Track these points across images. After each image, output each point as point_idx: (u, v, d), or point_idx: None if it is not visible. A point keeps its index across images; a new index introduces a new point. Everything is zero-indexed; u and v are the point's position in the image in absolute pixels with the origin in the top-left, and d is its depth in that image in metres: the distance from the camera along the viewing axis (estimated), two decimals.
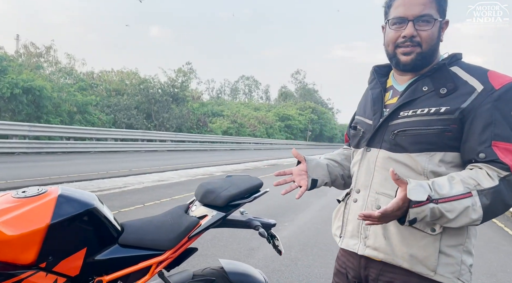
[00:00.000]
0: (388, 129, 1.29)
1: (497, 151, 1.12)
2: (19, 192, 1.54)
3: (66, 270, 1.52)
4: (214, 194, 1.79)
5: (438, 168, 1.20)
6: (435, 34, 1.25)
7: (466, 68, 1.24)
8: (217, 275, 1.89)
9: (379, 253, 1.26)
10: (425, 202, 1.06)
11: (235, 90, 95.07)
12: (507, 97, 1.15)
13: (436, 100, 1.22)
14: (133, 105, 27.14)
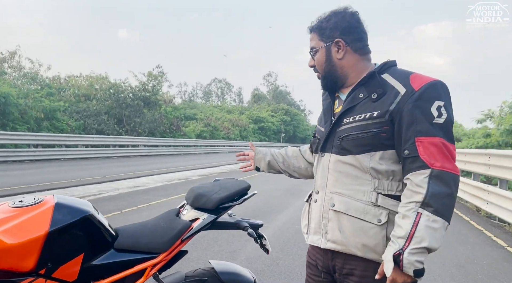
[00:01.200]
0: (336, 135, 1.45)
1: (419, 146, 1.25)
2: (16, 201, 1.57)
3: (64, 276, 1.56)
4: (205, 198, 1.87)
5: (379, 166, 1.35)
6: (323, 59, 1.49)
7: (393, 74, 1.39)
8: (209, 275, 1.97)
9: (337, 245, 1.41)
10: (400, 260, 1.20)
11: (208, 93, 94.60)
12: (425, 96, 1.28)
13: (370, 106, 1.37)
14: (103, 110, 26.56)
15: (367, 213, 1.35)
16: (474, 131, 21.26)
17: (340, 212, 1.40)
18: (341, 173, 1.42)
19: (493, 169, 7.05)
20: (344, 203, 1.39)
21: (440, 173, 1.23)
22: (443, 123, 1.27)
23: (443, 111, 1.27)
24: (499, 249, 4.98)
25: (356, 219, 1.36)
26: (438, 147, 1.25)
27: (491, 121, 16.06)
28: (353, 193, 1.38)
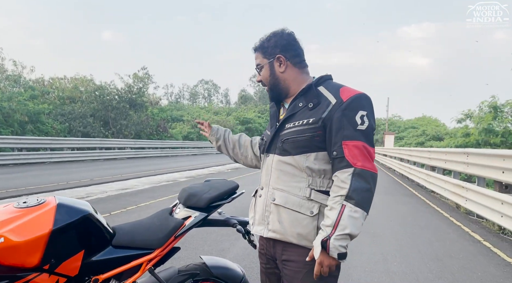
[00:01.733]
0: (279, 139, 1.65)
1: (345, 148, 1.46)
2: (20, 202, 1.69)
3: (66, 271, 1.68)
4: (196, 197, 2.01)
5: (313, 165, 1.56)
6: (267, 74, 1.68)
7: (327, 87, 1.60)
8: (200, 269, 2.11)
9: (276, 234, 1.61)
10: (327, 245, 1.41)
11: (194, 94, 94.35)
12: (351, 107, 1.50)
13: (307, 113, 1.58)
14: (89, 113, 26.38)
15: (302, 206, 1.55)
16: (456, 131, 21.76)
17: (280, 205, 1.60)
18: (281, 171, 1.62)
19: (471, 167, 7.35)
20: (283, 198, 1.59)
21: (361, 171, 1.44)
22: (365, 129, 1.49)
23: (365, 120, 1.49)
24: (475, 243, 5.23)
25: (292, 211, 1.56)
26: (360, 149, 1.46)
27: (470, 121, 16.54)
28: (291, 188, 1.59)
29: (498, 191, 6.13)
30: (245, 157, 2.05)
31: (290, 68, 1.66)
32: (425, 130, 40.33)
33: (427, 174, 11.05)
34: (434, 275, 3.85)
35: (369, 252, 4.50)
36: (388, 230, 5.87)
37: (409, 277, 3.78)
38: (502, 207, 5.64)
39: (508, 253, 4.71)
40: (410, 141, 39.61)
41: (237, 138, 2.08)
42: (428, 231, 5.94)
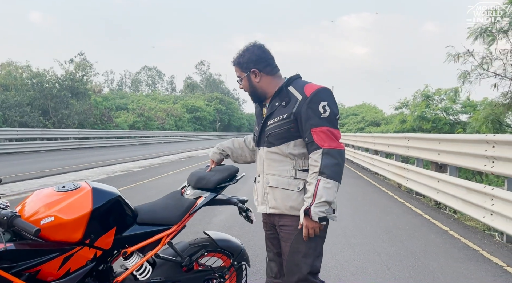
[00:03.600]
0: (265, 133, 2.02)
1: (314, 134, 1.83)
2: (60, 186, 1.89)
3: (102, 245, 1.92)
4: (205, 180, 2.31)
5: (294, 151, 1.94)
6: (247, 84, 2.04)
7: (295, 85, 1.97)
8: (208, 242, 2.43)
9: (275, 210, 1.99)
10: (309, 212, 1.78)
11: (137, 81, 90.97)
12: (314, 100, 1.86)
13: (282, 111, 1.95)
14: (26, 101, 24.66)
15: (290, 184, 1.94)
16: (392, 117, 23.44)
17: (274, 187, 1.97)
18: (270, 160, 1.99)
19: (411, 150, 8.24)
20: (275, 180, 1.97)
21: (328, 150, 1.81)
22: (328, 116, 1.85)
23: (327, 108, 1.86)
24: (418, 217, 6.02)
25: (284, 190, 1.94)
26: (325, 133, 1.83)
27: (406, 108, 18.03)
28: (280, 172, 1.96)
29: (434, 170, 7.01)
30: (244, 156, 2.34)
31: (264, 77, 2.01)
32: (364, 116, 42.71)
33: (371, 158, 12.02)
34: (387, 244, 4.46)
35: (330, 228, 5.02)
36: (343, 209, 6.50)
37: (367, 247, 4.36)
38: (438, 185, 6.49)
39: (444, 223, 5.51)
40: (351, 127, 41.73)
41: (231, 144, 2.35)
42: (377, 208, 6.66)
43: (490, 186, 5.19)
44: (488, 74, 10.07)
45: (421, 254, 4.10)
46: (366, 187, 9.47)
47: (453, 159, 6.11)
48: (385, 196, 8.03)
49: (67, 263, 1.80)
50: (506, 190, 4.58)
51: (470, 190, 5.34)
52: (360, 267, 3.68)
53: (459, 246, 4.44)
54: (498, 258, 3.95)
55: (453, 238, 4.75)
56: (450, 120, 14.45)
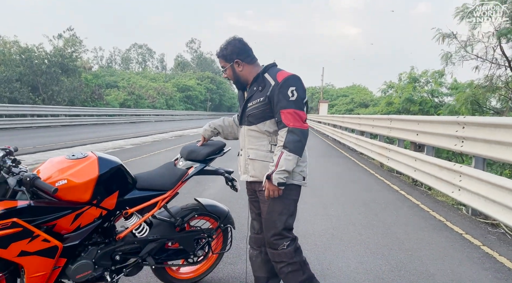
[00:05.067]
0: (245, 114, 2.35)
1: (282, 115, 2.14)
2: (70, 155, 2.20)
3: (107, 205, 2.25)
4: (195, 152, 2.63)
5: (269, 128, 2.27)
6: (231, 73, 2.34)
7: (270, 73, 2.27)
8: (198, 206, 2.77)
9: (254, 178, 2.34)
10: (270, 175, 2.13)
11: (127, 59, 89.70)
12: (284, 85, 2.17)
13: (258, 94, 2.27)
14: (14, 77, 24.44)
15: (266, 156, 2.27)
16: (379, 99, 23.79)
17: (253, 159, 2.31)
18: (250, 136, 2.33)
19: (393, 131, 8.64)
20: (254, 153, 2.31)
21: (292, 129, 2.13)
22: (295, 100, 2.16)
23: (295, 93, 2.16)
24: (394, 192, 6.45)
25: (261, 161, 2.28)
26: (291, 114, 2.15)
27: (392, 90, 18.40)
28: (258, 146, 2.30)
29: (413, 150, 7.43)
30: (234, 133, 2.63)
31: (246, 66, 2.32)
32: (354, 98, 43.08)
33: (357, 138, 12.45)
34: (362, 216, 4.88)
35: (311, 202, 5.44)
36: (325, 185, 6.92)
37: (344, 218, 4.77)
38: (416, 163, 6.92)
39: (417, 198, 5.95)
40: (340, 108, 42.09)
41: (221, 122, 2.64)
42: (357, 185, 7.09)
43: (459, 164, 5.61)
44: (471, 57, 10.42)
45: (391, 224, 4.52)
46: (351, 166, 9.90)
47: (429, 139, 6.51)
48: (367, 174, 8.47)
49: (78, 220, 2.13)
50: (473, 167, 5.00)
51: (442, 167, 5.76)
52: (335, 235, 4.08)
53: (427, 217, 4.87)
54: (459, 227, 4.39)
55: (422, 211, 5.19)
56: (435, 102, 14.87)
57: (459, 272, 3.17)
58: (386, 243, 3.85)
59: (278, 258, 2.29)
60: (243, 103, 2.38)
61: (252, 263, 2.54)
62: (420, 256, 3.49)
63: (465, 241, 3.94)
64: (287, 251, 2.28)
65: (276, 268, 2.34)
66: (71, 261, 2.17)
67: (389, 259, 3.43)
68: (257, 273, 2.51)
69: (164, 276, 2.72)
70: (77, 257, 2.19)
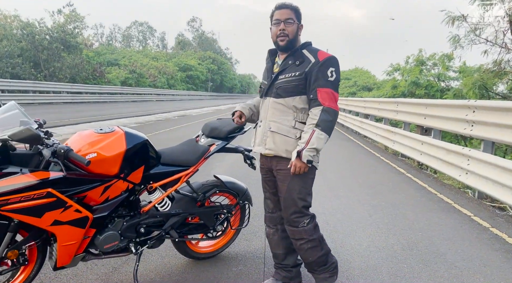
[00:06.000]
0: (274, 86, 2.31)
1: (318, 93, 2.16)
2: (98, 129, 2.23)
3: (133, 179, 2.29)
4: (218, 130, 2.66)
5: (298, 104, 2.24)
6: (295, 29, 2.25)
7: (309, 50, 2.26)
8: (218, 183, 2.82)
9: (271, 151, 2.29)
10: (301, 154, 2.12)
11: (128, 37, 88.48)
12: (325, 64, 2.17)
13: (294, 68, 2.24)
14: (16, 52, 24.20)
15: (289, 132, 2.24)
16: (383, 82, 23.60)
17: (274, 132, 2.27)
18: (275, 109, 2.29)
19: (400, 114, 8.64)
20: (277, 126, 2.27)
21: (327, 108, 2.15)
22: (333, 81, 2.19)
23: (334, 74, 2.19)
24: (400, 175, 6.52)
25: (283, 136, 2.25)
26: (328, 94, 2.17)
27: (398, 73, 18.25)
28: (282, 120, 2.26)
29: (419, 133, 7.46)
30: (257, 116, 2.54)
31: (300, 35, 2.32)
32: (357, 81, 42.77)
33: (361, 121, 12.45)
34: (370, 197, 4.95)
35: (318, 183, 5.49)
36: (332, 167, 6.97)
37: (352, 198, 4.84)
38: (422, 147, 6.96)
39: (423, 181, 6.02)
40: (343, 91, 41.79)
41: (252, 105, 2.52)
42: (363, 167, 7.15)
43: (468, 147, 5.65)
44: (480, 41, 10.30)
45: (400, 205, 4.59)
46: (355, 148, 9.95)
47: (437, 123, 6.53)
48: (372, 156, 8.52)
49: (106, 192, 2.18)
50: (482, 151, 5.04)
51: (449, 151, 5.80)
52: (345, 215, 4.15)
53: (435, 199, 4.94)
54: (467, 210, 4.46)
55: (430, 193, 5.26)
56: (441, 86, 14.80)
57: (469, 252, 3.25)
58: (396, 223, 3.92)
59: (298, 235, 2.34)
60: (272, 75, 2.33)
61: (269, 240, 2.58)
62: (430, 236, 3.57)
63: (474, 223, 4.01)
64: (307, 229, 2.33)
65: (295, 245, 2.39)
66: (100, 232, 2.22)
67: (400, 238, 3.50)
68: (275, 250, 2.56)
69: (184, 249, 2.80)
70: (105, 228, 2.25)
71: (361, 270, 2.85)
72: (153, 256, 2.94)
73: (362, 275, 2.77)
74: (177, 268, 2.77)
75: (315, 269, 2.41)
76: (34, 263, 2.14)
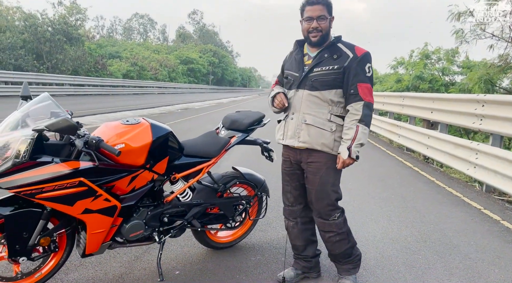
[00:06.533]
0: (308, 78, 2.29)
1: (359, 88, 2.20)
2: (124, 120, 2.27)
3: (158, 170, 2.33)
4: (238, 122, 2.70)
5: (334, 98, 2.26)
6: (327, 26, 2.26)
7: (344, 44, 2.29)
8: (237, 174, 2.86)
9: (305, 144, 2.30)
10: (350, 149, 2.18)
11: (129, 29, 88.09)
12: (363, 60, 2.22)
13: (332, 62, 2.25)
14: (19, 44, 24.13)
15: (324, 125, 2.27)
16: (385, 76, 23.55)
17: (310, 125, 2.27)
18: (310, 101, 2.28)
19: (406, 108, 8.66)
20: (312, 119, 2.27)
21: (368, 103, 2.21)
22: (370, 76, 2.25)
23: (370, 70, 2.25)
24: (407, 169, 6.56)
25: (318, 128, 2.27)
26: (368, 89, 2.22)
27: (401, 67, 18.18)
28: (317, 113, 2.27)
29: (426, 127, 7.49)
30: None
31: (331, 27, 2.32)
32: None
33: None
34: (380, 190, 5.00)
35: None
36: None
37: (362, 191, 4.89)
38: (428, 141, 6.99)
39: (431, 175, 6.06)
40: None
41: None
42: (370, 161, 7.19)
43: (476, 141, 5.69)
44: (485, 35, 10.29)
45: (410, 198, 4.64)
46: None
47: (444, 117, 6.55)
48: (378, 150, 8.56)
49: (133, 182, 2.22)
50: (490, 145, 5.07)
51: (457, 145, 5.84)
52: (356, 207, 4.20)
53: (444, 193, 4.99)
54: (477, 203, 4.51)
55: (438, 187, 5.31)
56: (446, 81, 14.78)
57: (482, 244, 3.30)
58: (407, 215, 3.97)
59: (328, 228, 2.38)
60: (305, 67, 2.32)
61: (289, 232, 2.60)
62: (442, 229, 3.62)
63: (484, 216, 4.06)
64: (337, 222, 2.37)
65: (324, 237, 2.43)
66: (126, 221, 2.27)
67: (413, 230, 3.56)
68: (294, 242, 2.59)
69: (204, 239, 2.84)
70: (130, 218, 2.30)
71: (377, 261, 2.90)
72: (173, 245, 2.99)
73: (379, 266, 2.82)
74: (197, 257, 2.82)
75: (339, 260, 2.46)
76: (64, 250, 2.20)
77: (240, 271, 2.64)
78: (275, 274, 2.60)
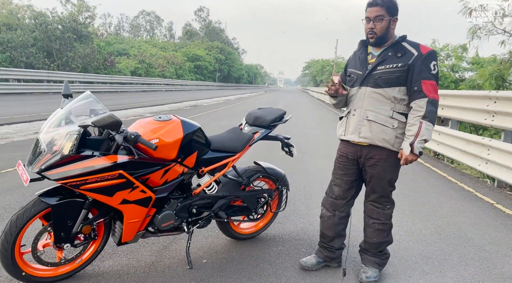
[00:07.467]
0: (372, 76, 2.38)
1: (423, 85, 2.25)
2: (157, 117, 2.39)
3: (188, 164, 2.46)
4: (261, 119, 2.82)
5: (397, 95, 2.34)
6: (385, 26, 2.29)
7: (409, 43, 2.35)
8: (260, 168, 2.98)
9: (366, 139, 2.39)
10: (412, 145, 2.24)
11: (136, 27, 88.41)
12: (428, 58, 2.27)
13: (396, 60, 2.32)
14: (30, 42, 24.42)
15: (386, 121, 2.34)
16: None
17: (372, 121, 2.36)
18: (373, 98, 2.37)
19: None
20: (374, 116, 2.35)
21: (432, 100, 2.25)
22: (435, 74, 2.30)
23: (436, 67, 2.30)
24: (419, 165, 6.60)
25: (380, 125, 2.34)
26: (432, 86, 2.27)
27: None
28: (380, 110, 2.35)
29: (436, 124, 7.55)
30: (344, 101, 2.60)
31: (394, 28, 2.36)
32: None
33: None
34: None
35: None
36: None
37: None
38: (439, 137, 7.06)
39: (442, 170, 6.14)
40: None
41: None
42: None
43: (488, 137, 5.75)
44: (498, 31, 10.28)
45: (423, 193, 4.73)
46: None
47: (455, 113, 6.61)
48: None
49: (166, 175, 2.35)
50: (502, 141, 5.14)
51: (469, 141, 5.91)
52: None
53: (456, 188, 5.07)
54: (489, 198, 4.59)
55: (450, 182, 5.39)
56: (455, 78, 14.75)
57: (496, 237, 3.39)
58: (421, 209, 4.07)
59: (376, 215, 2.51)
60: (368, 65, 2.39)
61: (323, 221, 2.69)
62: (456, 222, 3.71)
63: (497, 210, 4.15)
64: (386, 212, 2.50)
65: (367, 222, 2.56)
66: (158, 212, 2.40)
67: (427, 224, 3.65)
68: (325, 231, 2.67)
69: (228, 230, 2.97)
70: (162, 209, 2.43)
71: (394, 252, 3.00)
72: (198, 236, 3.12)
73: (396, 256, 2.93)
74: (221, 247, 2.95)
75: (370, 250, 2.57)
76: (101, 238, 2.34)
77: (263, 260, 2.77)
78: (297, 263, 2.72)
